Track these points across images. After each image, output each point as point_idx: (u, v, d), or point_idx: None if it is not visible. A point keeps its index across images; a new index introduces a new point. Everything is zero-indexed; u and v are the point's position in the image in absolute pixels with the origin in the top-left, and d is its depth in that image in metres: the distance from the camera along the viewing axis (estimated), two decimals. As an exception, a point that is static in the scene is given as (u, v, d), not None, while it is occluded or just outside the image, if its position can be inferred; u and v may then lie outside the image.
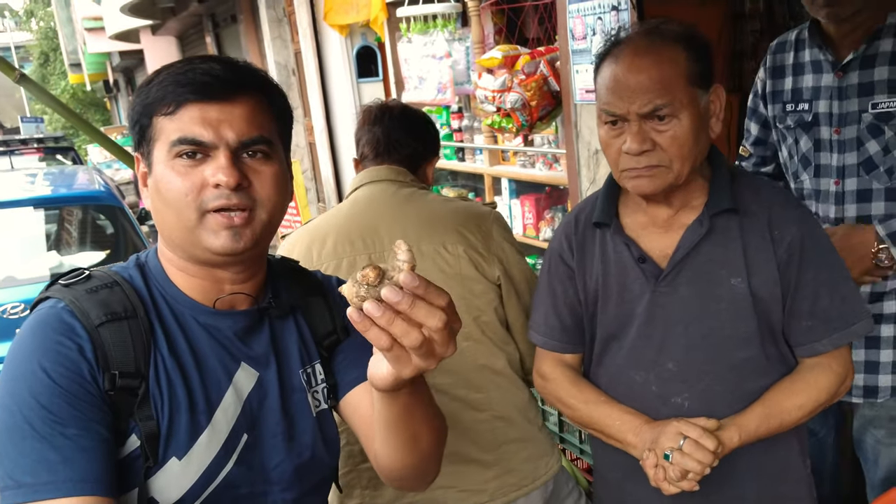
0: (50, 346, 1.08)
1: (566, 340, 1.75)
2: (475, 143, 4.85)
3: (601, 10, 2.94)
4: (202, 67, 1.13)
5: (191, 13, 10.35)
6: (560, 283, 1.72)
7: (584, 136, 3.27)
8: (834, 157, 2.09)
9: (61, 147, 10.80)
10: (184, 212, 1.12)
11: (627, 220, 1.64)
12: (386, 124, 2.09)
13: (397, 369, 0.95)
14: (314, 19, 6.44)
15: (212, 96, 1.12)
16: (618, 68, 1.48)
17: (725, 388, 1.56)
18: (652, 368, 1.60)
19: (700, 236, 1.54)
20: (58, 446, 1.04)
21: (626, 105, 1.46)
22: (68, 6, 22.51)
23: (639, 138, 1.47)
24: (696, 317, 1.56)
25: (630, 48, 1.48)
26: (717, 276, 1.55)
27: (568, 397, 1.70)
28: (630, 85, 1.46)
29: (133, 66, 20.99)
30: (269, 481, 1.24)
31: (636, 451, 1.56)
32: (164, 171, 1.13)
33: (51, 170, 7.56)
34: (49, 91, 3.26)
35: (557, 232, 1.75)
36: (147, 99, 1.14)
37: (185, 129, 1.11)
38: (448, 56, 4.30)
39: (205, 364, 1.19)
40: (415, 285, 0.88)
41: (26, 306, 4.42)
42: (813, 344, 1.56)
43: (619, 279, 1.62)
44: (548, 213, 4.33)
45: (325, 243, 1.95)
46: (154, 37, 14.12)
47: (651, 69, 1.45)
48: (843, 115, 2.05)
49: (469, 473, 1.95)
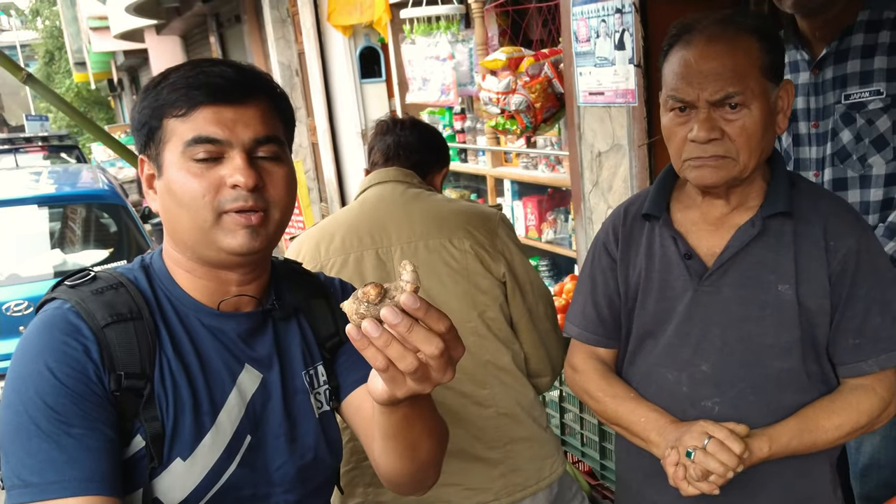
0: (56, 347, 1.08)
1: (601, 333, 1.71)
2: (478, 145, 4.86)
3: (605, 12, 2.94)
4: (213, 70, 1.14)
5: (195, 13, 10.36)
6: (601, 273, 1.69)
7: (587, 139, 3.28)
8: (813, 150, 2.15)
9: (65, 145, 10.84)
10: (200, 212, 1.12)
11: (678, 215, 1.60)
12: (397, 133, 2.14)
13: (391, 389, 0.95)
14: (318, 20, 6.44)
15: (225, 98, 1.13)
16: (689, 54, 1.43)
17: (760, 399, 1.51)
18: (685, 368, 1.56)
19: (751, 237, 1.50)
20: (64, 446, 1.04)
21: (696, 91, 1.42)
22: (74, 5, 22.54)
23: (707, 125, 1.42)
24: (736, 320, 1.51)
25: (703, 35, 1.43)
26: (765, 281, 1.49)
27: (596, 390, 1.67)
28: (703, 71, 1.42)
29: (137, 65, 21.02)
30: (271, 483, 1.24)
31: (658, 450, 1.52)
32: (178, 172, 1.13)
33: (55, 168, 7.59)
34: (54, 90, 3.27)
35: (605, 223, 1.72)
36: (157, 101, 1.14)
37: (199, 128, 1.12)
38: (451, 58, 4.31)
39: (209, 365, 1.20)
40: (415, 307, 0.86)
41: (29, 304, 4.44)
42: (859, 363, 1.48)
43: (662, 274, 1.58)
44: (550, 215, 4.34)
45: (334, 239, 1.97)
46: (158, 36, 14.14)
47: (725, 56, 1.41)
48: (820, 109, 2.12)
49: (474, 471, 1.96)
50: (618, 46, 2.92)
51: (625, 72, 2.91)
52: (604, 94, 3.06)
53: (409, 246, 1.95)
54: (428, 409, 1.15)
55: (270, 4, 7.46)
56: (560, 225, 4.22)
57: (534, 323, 2.04)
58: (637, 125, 2.96)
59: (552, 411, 3.08)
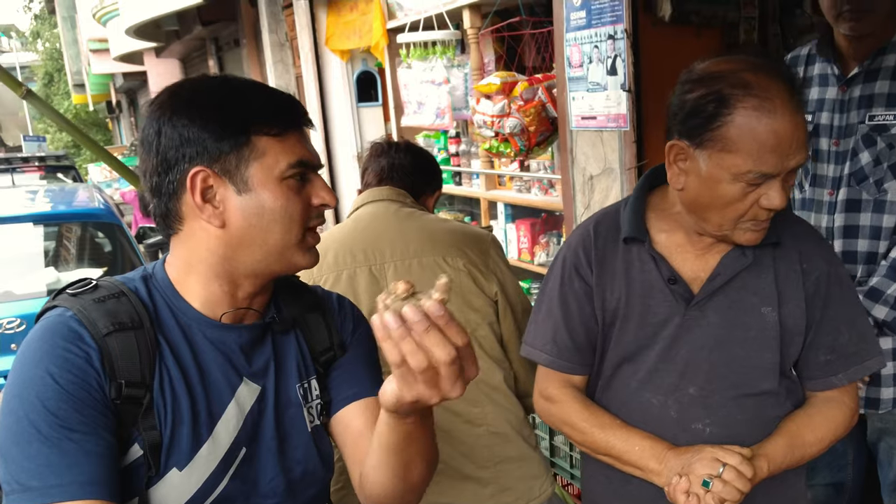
0: (58, 353, 1.09)
1: (577, 361, 1.65)
2: (472, 168, 4.89)
3: (597, 38, 2.99)
4: (283, 96, 1.22)
5: (194, 36, 10.43)
6: (575, 298, 1.62)
7: (580, 162, 3.31)
8: (830, 168, 2.14)
9: (62, 165, 10.84)
10: (293, 229, 1.19)
11: (660, 237, 1.57)
12: (391, 155, 2.17)
13: (400, 388, 0.96)
14: (316, 44, 6.49)
15: (305, 123, 1.22)
16: (776, 124, 1.33)
17: (746, 416, 1.53)
18: (672, 393, 1.55)
19: (743, 266, 1.51)
20: (64, 450, 1.05)
21: (785, 163, 1.35)
22: (74, 28, 22.67)
23: (787, 193, 1.38)
24: (722, 342, 1.52)
25: (780, 101, 1.34)
26: (749, 304, 1.52)
27: (580, 421, 1.60)
28: (792, 143, 1.34)
29: (136, 87, 21.10)
30: (262, 495, 1.25)
31: (659, 479, 1.49)
32: (276, 188, 1.17)
33: (51, 187, 7.58)
34: (53, 107, 3.31)
35: (572, 243, 1.65)
36: (246, 113, 1.16)
37: (298, 152, 1.19)
38: (447, 82, 4.35)
39: (209, 377, 1.21)
40: (439, 314, 0.89)
41: (23, 321, 4.42)
42: (829, 378, 1.56)
43: (643, 299, 1.55)
44: (543, 238, 4.36)
45: (327, 256, 1.99)
46: (157, 59, 14.22)
47: (804, 123, 1.37)
48: (843, 127, 2.11)
49: (465, 490, 1.97)
50: (610, 72, 2.96)
51: (616, 97, 2.95)
52: (596, 118, 3.10)
53: (403, 263, 1.97)
54: (429, 431, 1.17)
55: (269, 29, 7.52)
56: (553, 248, 4.24)
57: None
58: (628, 149, 2.99)
59: (541, 433, 3.08)
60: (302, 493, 1.30)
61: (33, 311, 4.67)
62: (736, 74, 1.36)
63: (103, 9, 13.38)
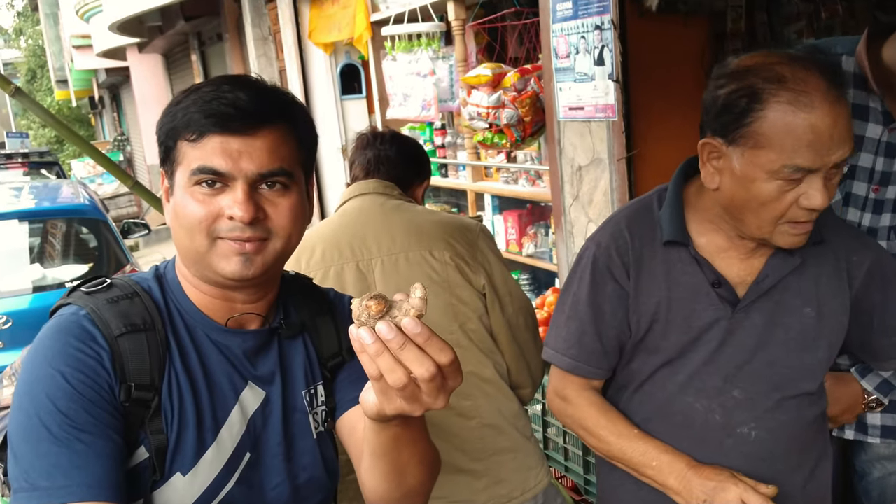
0: (70, 353, 1.09)
1: (603, 366, 1.60)
2: (458, 160, 4.88)
3: (584, 29, 2.98)
4: (228, 97, 1.13)
5: (177, 31, 10.36)
6: (608, 301, 1.55)
7: (568, 153, 3.31)
8: (867, 218, 1.87)
9: (46, 161, 10.81)
10: (196, 237, 1.14)
11: (701, 240, 1.51)
12: (377, 147, 2.15)
13: (380, 402, 0.95)
14: (299, 38, 6.47)
15: (234, 130, 1.13)
16: (816, 118, 1.28)
17: (789, 417, 1.52)
18: (716, 397, 1.51)
19: (793, 268, 1.48)
20: (74, 451, 1.05)
21: (825, 158, 1.30)
22: (57, 24, 22.47)
23: (832, 190, 1.32)
24: (764, 344, 1.50)
25: (818, 94, 1.28)
26: (792, 305, 1.49)
27: (596, 427, 1.57)
28: (834, 136, 1.29)
29: (119, 82, 20.93)
30: (267, 501, 1.24)
31: (678, 498, 1.48)
32: (184, 195, 1.14)
33: (35, 183, 7.54)
34: (42, 105, 3.30)
35: (602, 243, 1.57)
36: (173, 122, 1.15)
37: (205, 158, 1.12)
38: (432, 74, 4.34)
39: (213, 381, 1.20)
40: (416, 332, 0.87)
41: (8, 318, 4.40)
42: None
43: (686, 303, 1.51)
44: (531, 229, 4.36)
45: (314, 252, 1.97)
46: (140, 54, 14.13)
47: (846, 115, 1.31)
48: (887, 173, 1.83)
49: (459, 483, 1.96)
50: (597, 62, 2.95)
51: (604, 87, 2.95)
52: (584, 108, 3.09)
53: (390, 258, 1.96)
54: (419, 434, 1.15)
55: (252, 23, 7.48)
56: (541, 239, 4.24)
57: (514, 334, 2.04)
58: (617, 139, 2.99)
59: (535, 425, 3.08)
60: (307, 499, 1.29)
61: (19, 308, 4.67)
62: (770, 68, 1.31)
63: (86, 5, 13.26)
